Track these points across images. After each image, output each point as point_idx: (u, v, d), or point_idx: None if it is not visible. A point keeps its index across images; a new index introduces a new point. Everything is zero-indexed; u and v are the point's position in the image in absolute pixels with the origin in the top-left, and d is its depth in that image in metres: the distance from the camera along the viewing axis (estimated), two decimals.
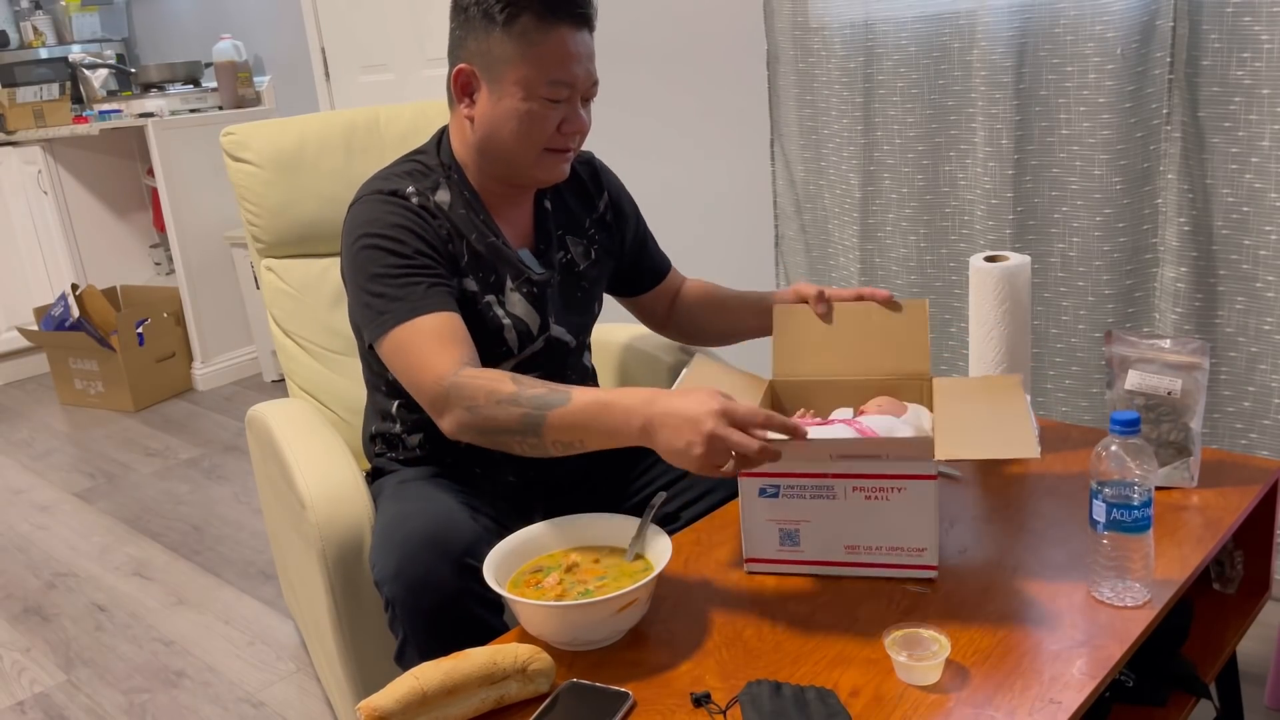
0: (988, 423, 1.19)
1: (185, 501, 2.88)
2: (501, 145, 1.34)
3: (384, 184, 1.36)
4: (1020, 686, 0.97)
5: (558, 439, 1.17)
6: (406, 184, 1.36)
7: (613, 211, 1.55)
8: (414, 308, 1.27)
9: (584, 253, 1.50)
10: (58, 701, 1.99)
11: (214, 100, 3.97)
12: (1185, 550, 1.17)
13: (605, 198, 1.55)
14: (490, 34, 1.29)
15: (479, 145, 1.37)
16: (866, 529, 1.16)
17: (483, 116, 1.34)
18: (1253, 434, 1.79)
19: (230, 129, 1.84)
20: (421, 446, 1.47)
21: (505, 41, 1.29)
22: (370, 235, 1.31)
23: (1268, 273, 1.72)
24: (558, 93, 1.30)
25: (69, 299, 3.73)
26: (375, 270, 1.30)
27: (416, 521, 1.26)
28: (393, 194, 1.35)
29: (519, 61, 1.29)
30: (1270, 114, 1.66)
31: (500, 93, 1.31)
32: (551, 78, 1.29)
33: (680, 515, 1.45)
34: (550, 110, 1.31)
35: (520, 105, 1.30)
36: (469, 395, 1.21)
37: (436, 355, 1.24)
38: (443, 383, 1.22)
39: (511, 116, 1.31)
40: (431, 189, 1.37)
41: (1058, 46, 1.83)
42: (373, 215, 1.33)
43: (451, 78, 1.35)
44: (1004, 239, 1.96)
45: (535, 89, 1.29)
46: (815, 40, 2.17)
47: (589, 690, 1.02)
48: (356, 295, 1.33)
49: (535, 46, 1.28)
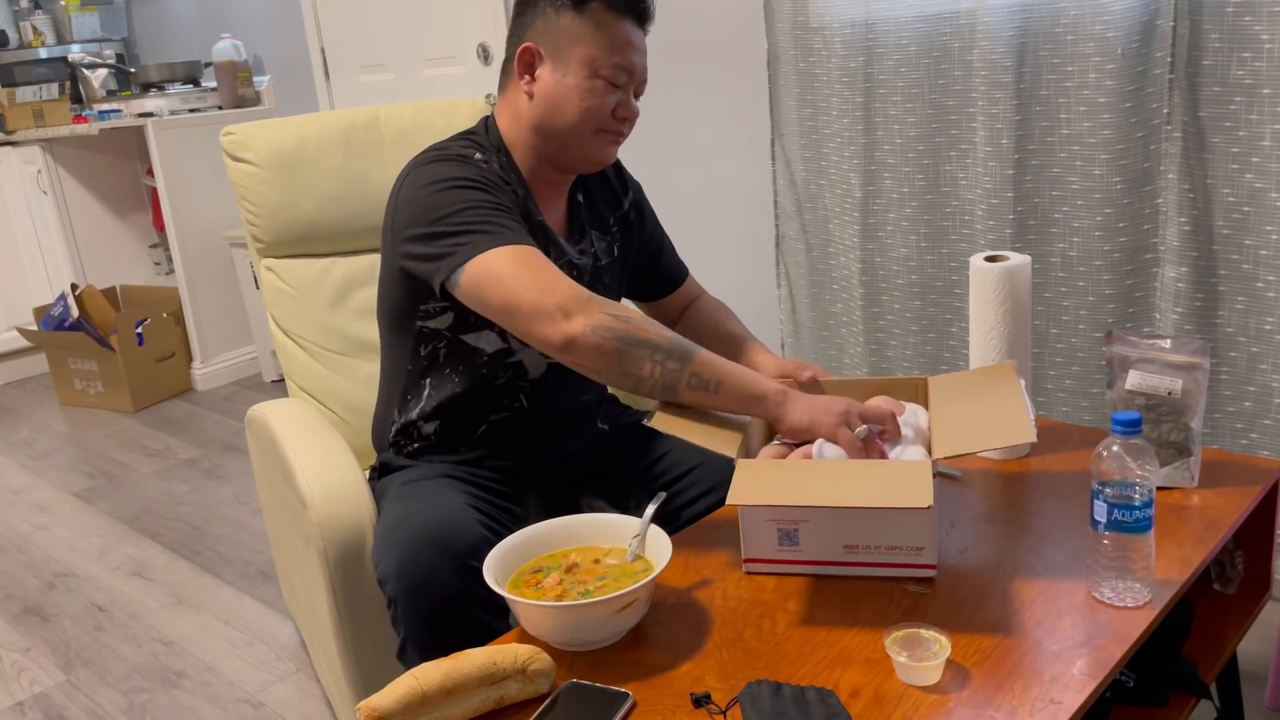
0: (984, 414, 1.19)
1: (185, 501, 2.88)
2: (561, 119, 1.38)
3: (444, 151, 1.40)
4: (1020, 686, 0.97)
5: (697, 372, 1.25)
6: (472, 151, 1.40)
7: (635, 211, 1.58)
8: (519, 235, 1.30)
9: (606, 249, 1.53)
10: (57, 702, 1.99)
11: (214, 100, 3.97)
12: (1186, 550, 1.17)
13: (630, 197, 1.58)
14: (561, 14, 1.36)
15: (536, 121, 1.40)
16: (865, 529, 1.16)
17: (544, 92, 1.38)
18: (1253, 434, 1.79)
19: (230, 129, 1.84)
20: (437, 434, 1.47)
21: (576, 22, 1.35)
22: (451, 179, 1.33)
23: (1268, 272, 1.72)
24: (619, 76, 1.36)
25: (69, 299, 3.73)
26: (464, 204, 1.31)
27: (420, 521, 1.26)
28: (459, 156, 1.38)
29: (588, 41, 1.35)
30: (1271, 114, 1.65)
31: (565, 69, 1.37)
32: (616, 61, 1.36)
33: (680, 515, 1.45)
34: (610, 92, 1.37)
35: (584, 82, 1.36)
36: (616, 306, 1.26)
37: (557, 275, 1.27)
38: (579, 293, 1.25)
39: (574, 92, 1.36)
40: (489, 162, 1.41)
41: (1058, 46, 1.83)
42: (447, 169, 1.35)
43: (516, 55, 1.39)
44: (1004, 239, 1.96)
45: (600, 69, 1.35)
46: (816, 40, 2.17)
47: (589, 690, 1.02)
48: (433, 232, 1.31)
49: (606, 29, 1.35)
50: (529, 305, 1.25)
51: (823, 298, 2.35)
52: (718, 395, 1.26)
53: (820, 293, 2.35)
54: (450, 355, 1.44)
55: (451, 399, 1.45)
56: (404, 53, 3.43)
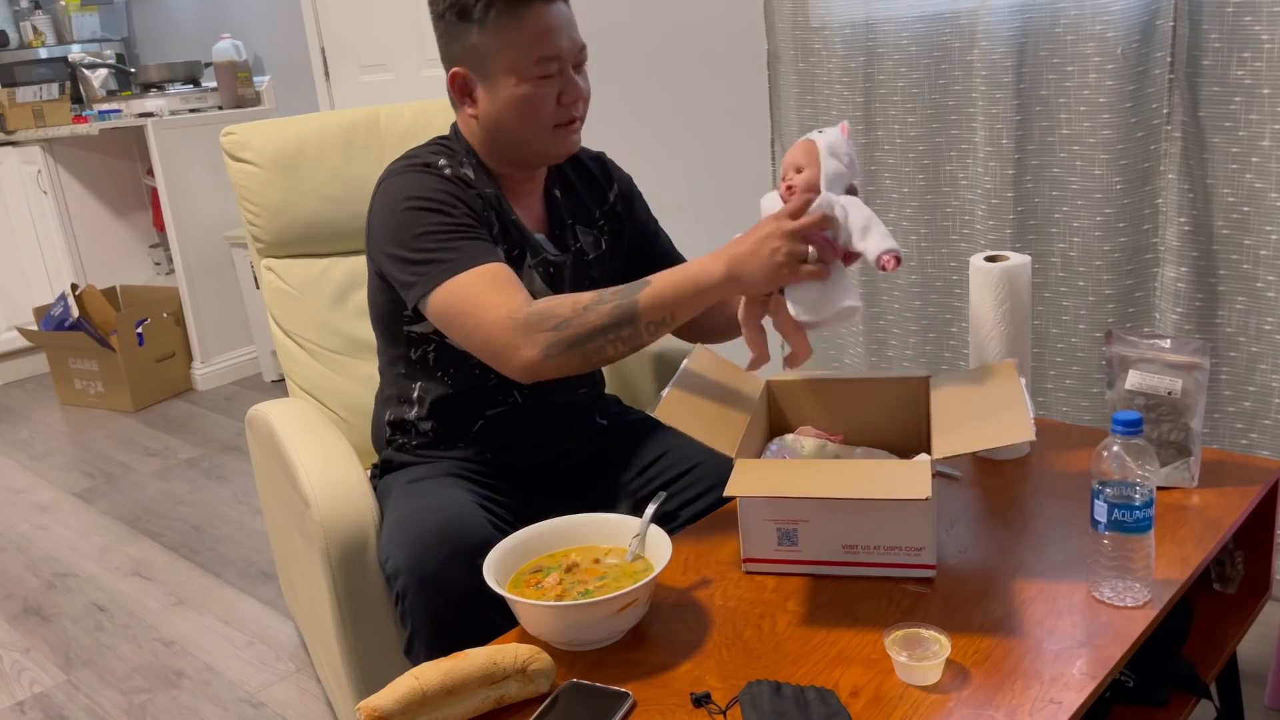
0: (983, 414, 1.19)
1: (185, 501, 2.88)
2: (511, 134, 1.37)
3: (414, 160, 1.40)
4: (1020, 686, 0.97)
5: (651, 319, 1.23)
6: (438, 158, 1.39)
7: (623, 202, 1.58)
8: (472, 258, 1.29)
9: (594, 243, 1.52)
10: (57, 701, 1.99)
11: (214, 100, 3.97)
12: (1186, 550, 1.17)
13: (616, 189, 1.58)
14: (470, 32, 1.33)
15: (490, 137, 1.40)
16: (864, 528, 1.16)
17: (486, 113, 1.37)
18: (1253, 434, 1.79)
19: (230, 129, 1.84)
20: (434, 431, 1.48)
21: (485, 35, 1.32)
22: (414, 198, 1.33)
23: (1268, 272, 1.72)
24: (547, 69, 1.33)
25: (69, 299, 3.73)
26: (424, 229, 1.31)
27: (430, 517, 1.26)
28: (426, 166, 1.38)
29: (503, 50, 1.32)
30: (1271, 114, 1.65)
31: (495, 86, 1.35)
32: (537, 56, 1.32)
33: (680, 514, 1.45)
34: (546, 87, 1.34)
35: (516, 92, 1.34)
36: (551, 315, 1.23)
37: (502, 297, 1.26)
38: (517, 316, 1.24)
39: (511, 105, 1.35)
40: (459, 165, 1.40)
41: (1058, 46, 1.83)
42: (411, 183, 1.35)
43: (448, 83, 1.39)
44: (1004, 239, 1.96)
45: (526, 72, 1.32)
46: (816, 40, 2.17)
47: (589, 690, 1.02)
48: (402, 256, 1.33)
49: (514, 31, 1.31)
50: (483, 348, 1.27)
51: None
52: (676, 320, 1.24)
53: None
54: (440, 357, 1.45)
55: (445, 398, 1.46)
56: (404, 53, 3.43)
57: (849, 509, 1.16)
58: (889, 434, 1.38)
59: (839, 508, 1.16)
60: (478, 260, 1.29)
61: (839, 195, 1.23)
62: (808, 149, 1.25)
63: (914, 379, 1.36)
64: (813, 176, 1.24)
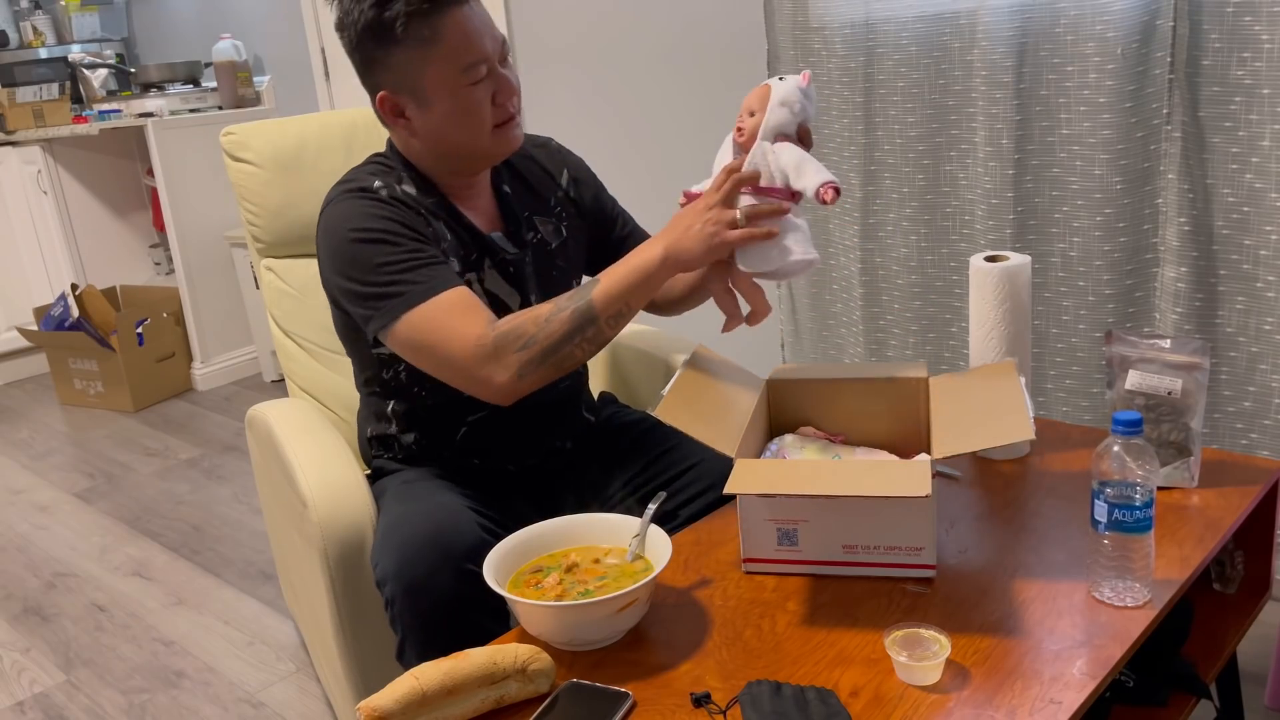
0: (983, 413, 1.19)
1: (185, 501, 2.88)
2: (452, 145, 1.36)
3: (351, 184, 1.38)
4: (1020, 686, 0.97)
5: (609, 315, 1.26)
6: (373, 180, 1.37)
7: (576, 186, 1.56)
8: (427, 289, 1.28)
9: (554, 230, 1.51)
10: (58, 701, 1.99)
11: (214, 100, 3.97)
12: (1186, 550, 1.17)
13: (566, 174, 1.56)
14: (389, 54, 1.31)
15: (430, 152, 1.38)
16: (864, 528, 1.16)
17: (423, 130, 1.36)
18: (1253, 434, 1.79)
19: (230, 129, 1.84)
20: (417, 443, 1.47)
21: (405, 53, 1.30)
22: (357, 230, 1.32)
23: (1268, 273, 1.72)
24: (476, 74, 1.31)
25: (69, 299, 3.73)
26: (376, 262, 1.30)
27: (419, 522, 1.26)
28: (362, 190, 1.35)
29: (427, 65, 1.30)
30: (1270, 114, 1.65)
31: (426, 102, 1.33)
32: (464, 64, 1.30)
33: (679, 514, 1.45)
34: (478, 92, 1.32)
35: (451, 103, 1.32)
36: (517, 334, 1.25)
37: (465, 324, 1.26)
38: (484, 343, 1.25)
39: (449, 117, 1.33)
40: (397, 181, 1.39)
41: (1058, 46, 1.83)
42: (351, 213, 1.33)
43: (376, 106, 1.36)
44: (1004, 239, 1.96)
45: (456, 82, 1.30)
46: (815, 40, 2.17)
47: (589, 690, 1.02)
48: (355, 290, 1.32)
49: (435, 44, 1.29)
50: (456, 379, 1.28)
51: (823, 298, 2.35)
52: (633, 309, 1.29)
53: (820, 293, 2.35)
54: (412, 375, 1.43)
55: (423, 412, 1.46)
56: None
57: (849, 509, 1.16)
58: (889, 434, 1.37)
59: (839, 508, 1.16)
60: (433, 289, 1.28)
61: (774, 143, 1.26)
62: (762, 95, 1.28)
63: (914, 379, 1.36)
64: (758, 123, 1.27)
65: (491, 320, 1.27)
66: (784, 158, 1.25)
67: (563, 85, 2.89)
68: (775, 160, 1.25)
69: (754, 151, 1.26)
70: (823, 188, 1.23)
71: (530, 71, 2.97)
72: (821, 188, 1.23)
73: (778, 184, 1.26)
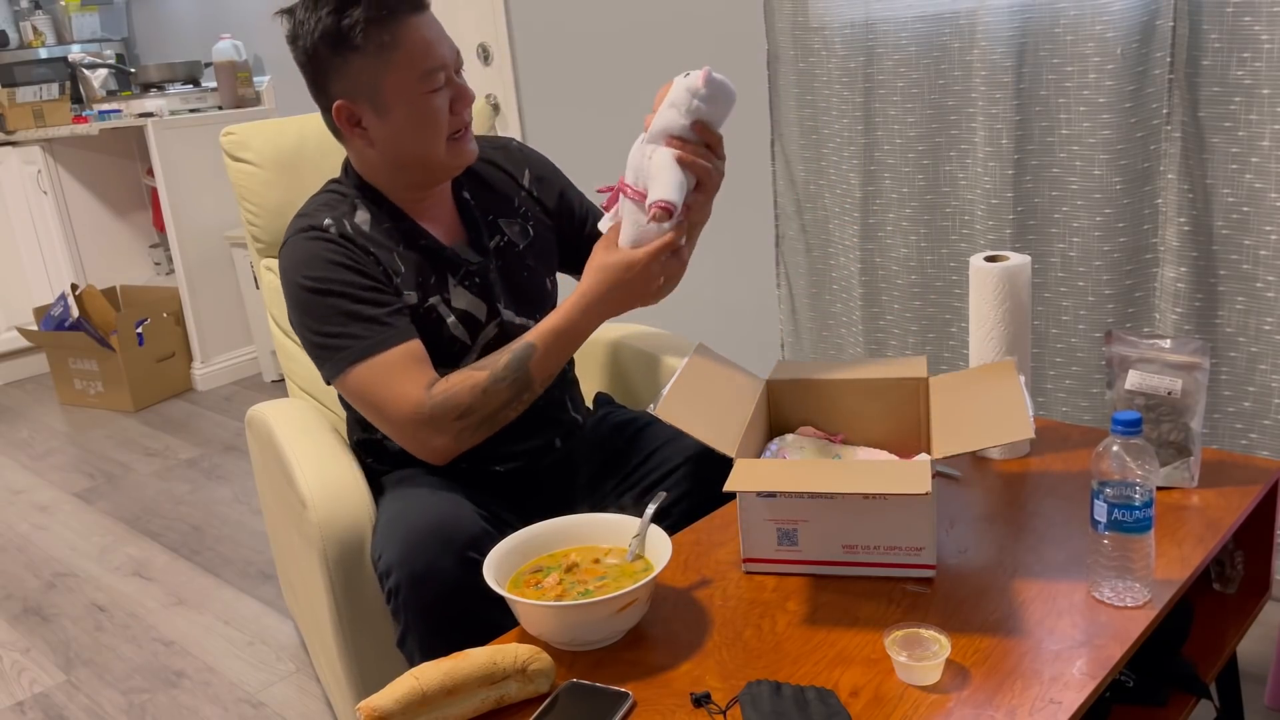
0: (983, 412, 1.19)
1: (185, 501, 2.88)
2: (411, 154, 1.36)
3: (304, 220, 1.38)
4: (1020, 686, 0.97)
5: (543, 378, 1.33)
6: (323, 216, 1.37)
7: (538, 184, 1.55)
8: (369, 345, 1.30)
9: (520, 231, 1.50)
10: (58, 701, 1.99)
11: (214, 100, 3.97)
12: (1185, 550, 1.17)
13: (528, 173, 1.55)
14: (347, 62, 1.30)
15: (389, 163, 1.38)
16: (864, 528, 1.16)
17: (381, 138, 1.35)
18: (1253, 434, 1.79)
19: (230, 129, 1.84)
20: (402, 451, 1.46)
21: (363, 61, 1.29)
22: (305, 278, 1.33)
23: (1268, 273, 1.72)
24: (435, 81, 1.31)
25: (69, 299, 3.73)
26: (322, 313, 1.32)
27: (421, 513, 1.26)
28: (311, 229, 1.36)
29: (387, 72, 1.30)
30: (1270, 114, 1.65)
31: (386, 108, 1.32)
32: (423, 70, 1.30)
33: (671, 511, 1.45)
34: (437, 99, 1.32)
35: (410, 110, 1.32)
36: (454, 405, 1.28)
37: (405, 385, 1.29)
38: (421, 410, 1.28)
39: (407, 124, 1.33)
40: (349, 212, 1.38)
41: (1058, 46, 1.83)
42: (300, 256, 1.34)
43: (332, 117, 1.36)
44: (1004, 239, 1.96)
45: (414, 89, 1.30)
46: (815, 40, 2.17)
47: (589, 690, 1.02)
48: (305, 337, 1.35)
49: (393, 51, 1.29)
50: (393, 435, 1.33)
51: (823, 298, 2.35)
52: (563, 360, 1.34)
53: (820, 293, 2.35)
54: None
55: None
56: None
57: (849, 509, 1.16)
58: (889, 434, 1.38)
59: (839, 507, 1.16)
60: (374, 347, 1.30)
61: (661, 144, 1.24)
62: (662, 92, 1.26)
63: (914, 379, 1.36)
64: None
65: (431, 382, 1.30)
66: (655, 160, 1.24)
67: (562, 85, 2.89)
68: (648, 163, 1.24)
69: (633, 150, 1.26)
70: (653, 204, 1.22)
71: (530, 71, 2.97)
72: (652, 204, 1.22)
73: (640, 187, 1.25)
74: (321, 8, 1.29)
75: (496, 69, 3.07)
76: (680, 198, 1.22)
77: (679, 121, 1.23)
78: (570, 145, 2.91)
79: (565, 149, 2.93)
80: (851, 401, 1.38)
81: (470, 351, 1.42)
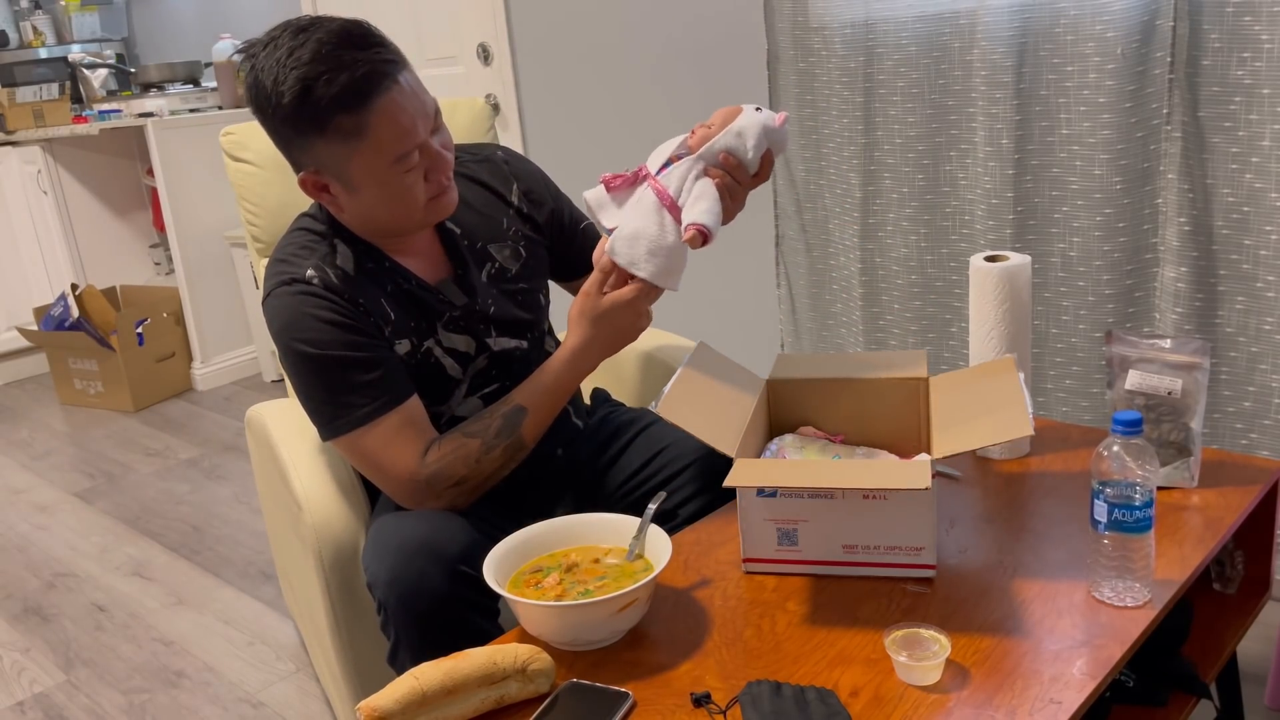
0: (982, 410, 1.19)
1: (185, 501, 2.88)
2: (383, 225, 1.31)
3: (285, 269, 1.31)
4: (1020, 686, 0.97)
5: (535, 437, 1.34)
6: (304, 265, 1.30)
7: (527, 200, 1.48)
8: (362, 415, 1.29)
9: (512, 254, 1.44)
10: (57, 701, 1.99)
11: (214, 100, 3.97)
12: (1186, 550, 1.17)
13: (515, 188, 1.47)
14: (313, 143, 1.23)
15: (359, 228, 1.33)
16: (864, 528, 1.16)
17: (351, 209, 1.29)
18: (1253, 434, 1.79)
19: (230, 129, 1.84)
20: None
21: (331, 145, 1.22)
22: (297, 341, 1.28)
23: (1268, 273, 1.72)
24: (408, 163, 1.24)
25: (69, 299, 3.73)
26: (314, 379, 1.29)
27: (411, 526, 1.25)
28: (294, 281, 1.29)
29: (355, 156, 1.22)
30: (1271, 114, 1.65)
31: (355, 187, 1.26)
32: (394, 156, 1.22)
33: (678, 514, 1.45)
34: (409, 178, 1.25)
35: (378, 190, 1.25)
36: (448, 475, 1.29)
37: (399, 455, 1.29)
38: (417, 479, 1.29)
39: (377, 202, 1.27)
40: (329, 254, 1.32)
41: (1058, 46, 1.83)
42: (289, 317, 1.28)
43: (299, 182, 1.29)
44: (1004, 239, 1.96)
45: (386, 172, 1.24)
46: (815, 40, 2.17)
47: (589, 690, 1.02)
48: (300, 397, 1.33)
49: (362, 138, 1.20)
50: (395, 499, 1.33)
51: (823, 298, 2.35)
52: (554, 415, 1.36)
53: (820, 293, 2.35)
54: None
55: None
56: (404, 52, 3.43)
57: (849, 508, 1.16)
58: (889, 434, 1.38)
59: (839, 507, 1.16)
60: (366, 417, 1.28)
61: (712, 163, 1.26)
62: (728, 115, 1.27)
63: (914, 379, 1.36)
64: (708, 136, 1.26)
65: (426, 448, 1.30)
66: (698, 186, 1.25)
67: (562, 85, 2.89)
68: (690, 183, 1.26)
69: (684, 161, 1.27)
70: (689, 226, 1.22)
71: (530, 71, 2.97)
72: (689, 225, 1.23)
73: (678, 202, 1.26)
74: (283, 83, 1.19)
75: (496, 69, 3.07)
76: (717, 229, 1.23)
77: (742, 149, 1.25)
78: (570, 145, 2.92)
79: (565, 149, 2.93)
80: (851, 401, 1.38)
81: (460, 384, 1.40)
